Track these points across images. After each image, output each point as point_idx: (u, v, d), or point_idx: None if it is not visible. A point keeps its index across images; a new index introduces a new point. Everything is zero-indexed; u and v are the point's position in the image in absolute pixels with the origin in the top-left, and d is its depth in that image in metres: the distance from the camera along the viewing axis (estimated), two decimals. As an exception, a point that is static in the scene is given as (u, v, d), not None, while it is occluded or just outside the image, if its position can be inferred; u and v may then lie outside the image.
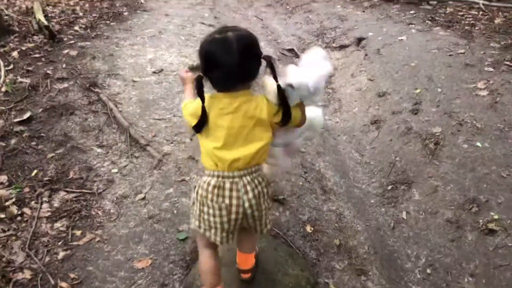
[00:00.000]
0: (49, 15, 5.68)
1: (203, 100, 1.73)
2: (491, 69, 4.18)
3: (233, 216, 1.80)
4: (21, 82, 3.98)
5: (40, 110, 3.62)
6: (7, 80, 4.00)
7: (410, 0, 6.32)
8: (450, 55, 4.53)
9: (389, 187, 3.46)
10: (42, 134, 3.37)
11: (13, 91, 3.85)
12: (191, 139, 3.32)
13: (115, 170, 3.11)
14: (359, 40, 5.40)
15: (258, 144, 1.76)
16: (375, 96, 4.42)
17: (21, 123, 3.46)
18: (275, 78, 1.73)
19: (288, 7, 7.24)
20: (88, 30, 5.21)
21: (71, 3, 6.25)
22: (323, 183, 3.43)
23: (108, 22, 5.53)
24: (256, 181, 1.81)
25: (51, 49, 4.67)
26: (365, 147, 3.97)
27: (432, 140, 3.59)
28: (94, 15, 5.75)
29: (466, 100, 3.87)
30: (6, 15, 5.58)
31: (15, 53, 4.53)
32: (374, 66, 4.82)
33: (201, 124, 1.76)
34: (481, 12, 5.65)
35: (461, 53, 4.53)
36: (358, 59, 5.11)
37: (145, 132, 3.48)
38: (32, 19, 5.39)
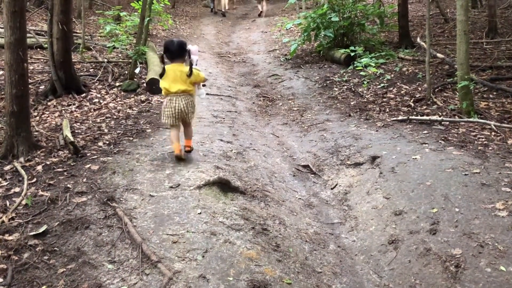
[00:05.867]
0: (76, 131, 6.00)
1: (163, 63, 4.91)
2: (509, 190, 4.15)
3: (176, 111, 4.83)
4: (41, 196, 4.09)
5: (56, 223, 3.66)
6: (28, 194, 4.11)
7: (422, 120, 6.52)
8: (465, 174, 4.55)
9: (411, 313, 3.27)
10: (56, 249, 3.37)
11: (32, 204, 3.94)
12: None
13: (124, 288, 3.03)
14: (373, 158, 5.49)
15: (189, 87, 4.87)
16: (392, 215, 4.37)
17: (36, 236, 3.49)
18: (189, 57, 4.85)
19: (303, 125, 7.53)
20: (111, 146, 5.44)
21: (98, 120, 6.62)
22: (339, 307, 3.26)
23: (131, 138, 5.79)
24: (187, 97, 4.88)
25: (74, 163, 4.85)
26: (383, 268, 3.83)
27: (452, 262, 3.47)
28: (118, 131, 6.05)
29: (486, 220, 3.80)
30: (36, 131, 5.91)
31: (39, 167, 4.71)
32: (389, 184, 4.84)
33: (162, 74, 4.84)
34: (493, 133, 5.76)
35: (477, 172, 4.54)
36: (373, 177, 5.16)
37: (157, 248, 3.45)
38: (60, 135, 5.70)
